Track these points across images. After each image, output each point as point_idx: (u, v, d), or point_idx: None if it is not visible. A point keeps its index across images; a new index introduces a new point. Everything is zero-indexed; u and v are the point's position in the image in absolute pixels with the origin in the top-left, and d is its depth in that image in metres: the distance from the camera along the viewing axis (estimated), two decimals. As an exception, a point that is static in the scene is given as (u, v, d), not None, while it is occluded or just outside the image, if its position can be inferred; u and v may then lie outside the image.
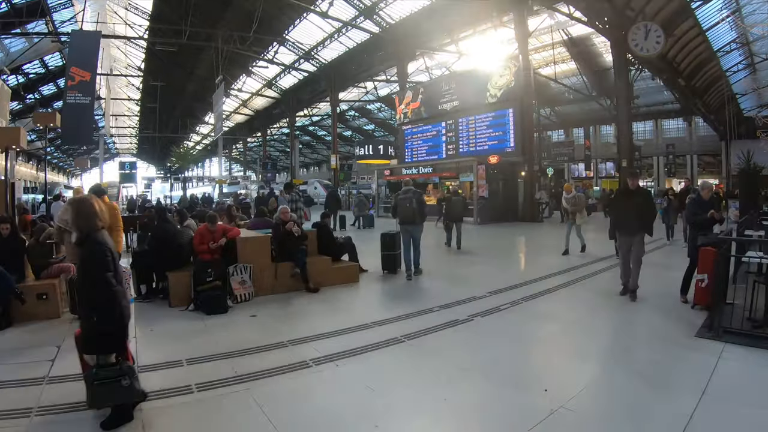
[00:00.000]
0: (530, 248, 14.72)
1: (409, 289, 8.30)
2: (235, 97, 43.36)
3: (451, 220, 13.31)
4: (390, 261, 9.42)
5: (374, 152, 28.78)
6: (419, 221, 8.86)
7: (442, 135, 25.09)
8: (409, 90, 27.21)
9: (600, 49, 36.50)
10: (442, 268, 10.46)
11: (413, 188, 9.16)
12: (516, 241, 15.77)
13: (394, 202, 9.93)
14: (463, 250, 12.98)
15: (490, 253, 13.20)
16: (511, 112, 22.06)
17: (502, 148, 22.10)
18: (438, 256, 12.39)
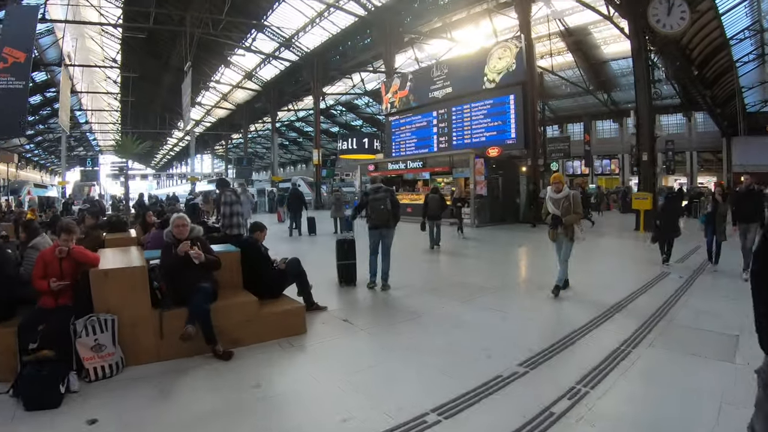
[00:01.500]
0: (537, 265, 11.07)
1: (388, 339, 5.05)
2: (215, 89, 39.47)
3: (430, 219, 11.83)
4: (348, 272, 7.56)
5: (358, 146, 25.10)
6: (393, 224, 7.26)
7: (433, 126, 21.51)
8: (397, 77, 23.57)
9: (597, 41, 33.41)
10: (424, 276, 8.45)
11: (384, 186, 7.43)
12: (518, 256, 12.11)
13: (360, 203, 7.97)
14: (453, 256, 10.86)
15: (488, 274, 9.53)
16: (512, 98, 18.56)
17: (502, 139, 18.60)
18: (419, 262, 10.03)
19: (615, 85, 37.27)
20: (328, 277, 7.65)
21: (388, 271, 7.25)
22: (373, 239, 7.29)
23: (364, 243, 7.53)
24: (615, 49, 34.48)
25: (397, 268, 7.62)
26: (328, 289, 7.07)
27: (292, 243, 13.74)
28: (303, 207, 15.31)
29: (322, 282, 7.07)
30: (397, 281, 7.35)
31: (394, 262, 7.40)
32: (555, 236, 6.62)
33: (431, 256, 11.17)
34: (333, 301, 6.46)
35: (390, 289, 7.14)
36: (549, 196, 6.66)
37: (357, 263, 7.56)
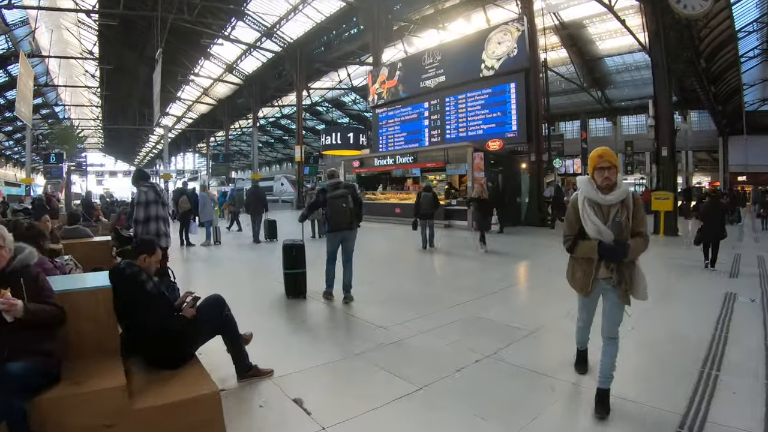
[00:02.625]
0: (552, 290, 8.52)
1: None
2: (195, 83, 36.48)
3: (422, 218, 10.64)
4: (296, 282, 6.05)
5: (343, 141, 22.36)
6: (356, 226, 5.94)
7: (425, 118, 18.91)
8: (385, 67, 20.90)
9: (592, 36, 31.23)
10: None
11: (343, 181, 6.56)
12: (526, 274, 9.55)
13: (313, 201, 6.58)
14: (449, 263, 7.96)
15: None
16: (513, 87, 16.06)
17: (502, 132, 16.08)
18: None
19: (609, 82, 35.09)
20: (273, 289, 6.33)
21: (351, 281, 5.93)
22: (333, 244, 5.94)
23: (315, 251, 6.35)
24: (610, 45, 32.40)
25: (385, 273, 6.99)
26: (271, 307, 5.74)
27: (245, 252, 11.12)
28: (264, 208, 12.56)
29: (264, 296, 6.12)
30: (381, 292, 6.24)
31: (382, 268, 6.05)
32: (591, 285, 3.03)
33: (422, 262, 9.43)
34: (278, 334, 4.74)
35: (353, 301, 5.78)
36: (586, 197, 2.92)
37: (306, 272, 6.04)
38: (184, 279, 7.38)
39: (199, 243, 11.91)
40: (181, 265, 9.07)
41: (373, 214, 17.96)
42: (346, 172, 19.80)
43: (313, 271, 6.10)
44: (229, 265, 9.44)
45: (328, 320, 5.34)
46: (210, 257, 10.37)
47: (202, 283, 7.18)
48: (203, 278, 7.67)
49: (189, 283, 6.87)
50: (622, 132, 37.59)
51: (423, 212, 10.54)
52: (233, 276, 8.44)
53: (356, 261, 6.01)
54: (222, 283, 6.60)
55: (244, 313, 4.52)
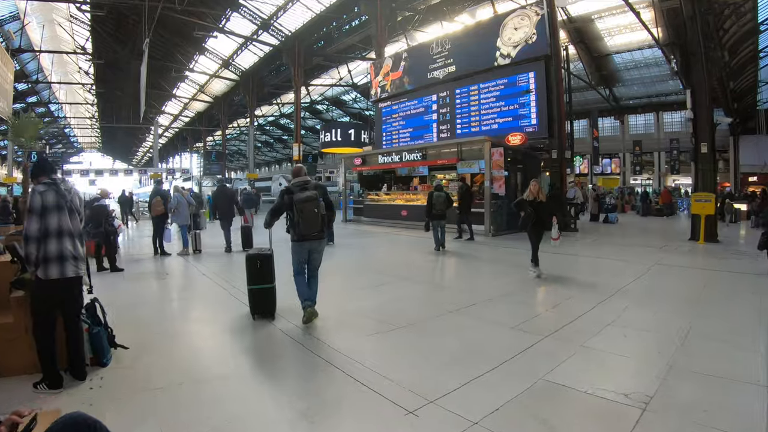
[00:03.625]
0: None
1: None
2: (191, 80, 34.39)
3: (435, 219, 9.84)
4: (264, 300, 4.79)
5: (343, 138, 20.31)
6: (326, 235, 4.95)
7: (433, 112, 16.88)
8: (389, 57, 18.84)
9: (601, 32, 29.33)
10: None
11: (310, 179, 4.77)
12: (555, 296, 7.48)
13: (277, 205, 4.78)
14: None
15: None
16: (533, 76, 14.06)
17: (520, 127, 14.06)
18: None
19: (617, 79, 33.15)
20: (236, 309, 5.23)
21: (316, 293, 4.97)
22: (300, 255, 4.85)
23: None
24: (620, 41, 30.53)
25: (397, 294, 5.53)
26: (233, 333, 4.47)
27: (220, 262, 9.07)
28: (233, 211, 10.48)
29: (223, 317, 4.97)
30: (392, 318, 4.77)
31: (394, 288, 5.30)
32: None
33: (443, 274, 7.76)
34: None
35: (316, 317, 4.76)
36: None
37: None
38: (129, 306, 5.38)
39: (176, 252, 9.91)
40: (131, 284, 7.04)
41: (376, 217, 15.96)
42: (346, 171, 17.73)
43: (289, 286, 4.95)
44: (194, 279, 7.41)
45: (298, 363, 3.64)
46: (175, 271, 8.35)
47: (145, 313, 5.21)
48: (148, 308, 5.60)
49: (130, 315, 4.91)
50: (630, 131, 35.67)
51: (436, 213, 9.70)
52: (192, 293, 6.53)
53: (361, 275, 4.93)
54: (172, 308, 5.43)
55: (193, 341, 4.12)
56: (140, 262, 9.19)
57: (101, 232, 8.13)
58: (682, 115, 34.45)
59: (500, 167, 11.91)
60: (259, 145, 55.59)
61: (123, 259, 9.36)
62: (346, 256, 9.48)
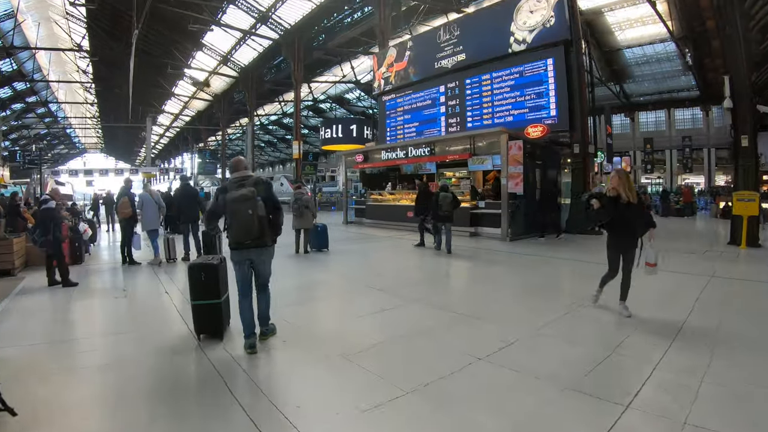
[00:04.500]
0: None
1: None
2: (190, 78, 32.82)
3: (439, 221, 8.90)
4: (209, 317, 3.98)
5: (344, 134, 18.67)
6: (270, 241, 3.79)
7: (441, 104, 15.23)
8: (393, 47, 17.18)
9: (611, 26, 27.68)
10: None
11: (252, 174, 3.86)
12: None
13: (213, 207, 3.87)
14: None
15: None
16: (551, 63, 12.43)
17: (538, 119, 12.41)
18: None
19: (628, 75, 31.39)
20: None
21: (268, 311, 3.94)
22: (241, 268, 3.75)
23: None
24: (630, 35, 28.83)
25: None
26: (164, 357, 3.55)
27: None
28: (197, 214, 8.69)
29: (161, 339, 3.99)
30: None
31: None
32: None
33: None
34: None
35: (274, 335, 3.93)
36: None
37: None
38: (52, 341, 3.80)
39: (147, 261, 8.35)
40: (71, 306, 5.47)
41: (380, 219, 14.32)
42: (347, 169, 16.07)
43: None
44: (151, 297, 5.81)
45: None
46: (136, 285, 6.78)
47: (72, 351, 3.63)
48: (79, 344, 4.08)
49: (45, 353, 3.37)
50: (640, 129, 33.90)
51: (443, 215, 8.80)
52: (141, 316, 4.95)
53: (358, 295, 4.72)
54: (105, 343, 4.10)
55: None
56: (102, 274, 7.64)
57: (49, 240, 6.58)
58: (694, 112, 32.86)
59: (519, 162, 10.26)
60: (263, 145, 54.05)
61: (86, 270, 7.85)
62: (341, 266, 7.86)
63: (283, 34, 23.95)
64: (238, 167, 3.84)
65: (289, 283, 6.34)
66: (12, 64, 36.17)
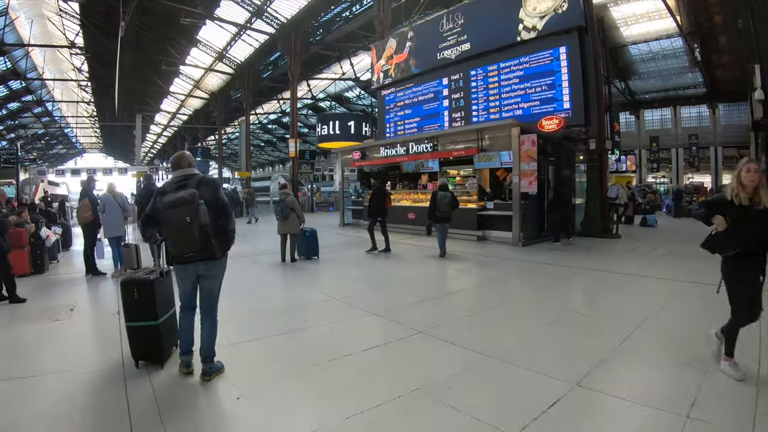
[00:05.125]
0: None
1: None
2: (186, 76, 31.64)
3: (437, 222, 8.26)
4: (145, 341, 3.32)
5: (342, 131, 17.45)
6: (218, 251, 3.09)
7: (443, 98, 14.03)
8: (393, 38, 15.97)
9: (617, 21, 26.52)
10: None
11: (197, 173, 3.17)
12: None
13: (147, 211, 3.11)
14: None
15: None
16: (565, 52, 11.23)
17: (550, 113, 11.23)
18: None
19: (633, 72, 30.19)
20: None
21: (212, 345, 3.13)
22: (183, 282, 3.17)
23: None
24: (636, 31, 27.70)
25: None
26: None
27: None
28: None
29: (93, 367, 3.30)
30: None
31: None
32: None
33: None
34: None
35: (219, 373, 3.10)
36: None
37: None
38: None
39: (111, 272, 7.17)
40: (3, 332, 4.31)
41: (379, 220, 13.16)
42: (343, 168, 14.86)
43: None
44: (98, 319, 4.63)
45: None
46: (86, 303, 5.63)
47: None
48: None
49: None
50: (646, 127, 32.68)
51: (441, 215, 8.20)
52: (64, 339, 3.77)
53: (348, 322, 3.79)
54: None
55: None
56: (58, 287, 6.46)
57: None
58: (701, 110, 31.66)
59: (533, 159, 9.07)
60: (263, 145, 52.84)
61: (46, 281, 6.72)
62: (331, 280, 6.66)
63: (279, 28, 22.78)
64: (179, 164, 3.14)
65: (266, 302, 5.18)
66: (6, 63, 35.02)
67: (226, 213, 3.13)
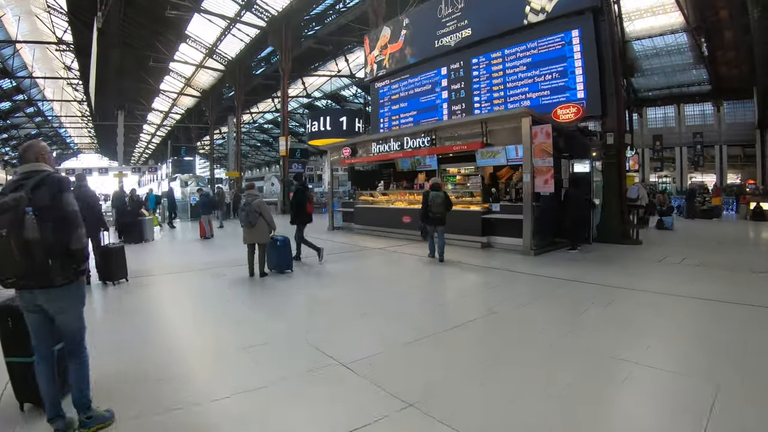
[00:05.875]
0: None
1: None
2: (177, 74, 30.14)
3: (430, 224, 7.39)
4: (27, 380, 2.50)
5: (334, 127, 15.97)
6: (60, 276, 2.21)
7: (442, 89, 12.55)
8: (387, 26, 14.50)
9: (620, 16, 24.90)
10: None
11: (46, 169, 2.30)
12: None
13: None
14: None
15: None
16: (578, 35, 9.81)
17: (561, 103, 9.80)
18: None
19: (636, 69, 28.79)
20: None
21: (85, 388, 2.38)
22: (29, 316, 2.33)
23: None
24: (640, 26, 26.41)
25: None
26: None
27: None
28: (101, 224, 6.22)
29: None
30: None
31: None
32: None
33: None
34: None
35: (95, 427, 2.32)
36: None
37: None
38: None
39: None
40: None
41: (371, 224, 11.68)
42: (332, 166, 13.33)
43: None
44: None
45: None
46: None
47: None
48: None
49: None
50: (649, 125, 31.29)
51: (433, 217, 7.32)
52: None
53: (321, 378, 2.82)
54: None
55: None
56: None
57: None
58: (705, 108, 30.30)
59: (548, 153, 7.61)
60: (259, 145, 51.39)
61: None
62: (301, 306, 5.18)
63: (269, 21, 21.33)
64: (24, 157, 2.34)
65: (202, 340, 3.73)
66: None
67: (69, 225, 2.26)
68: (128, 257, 6.41)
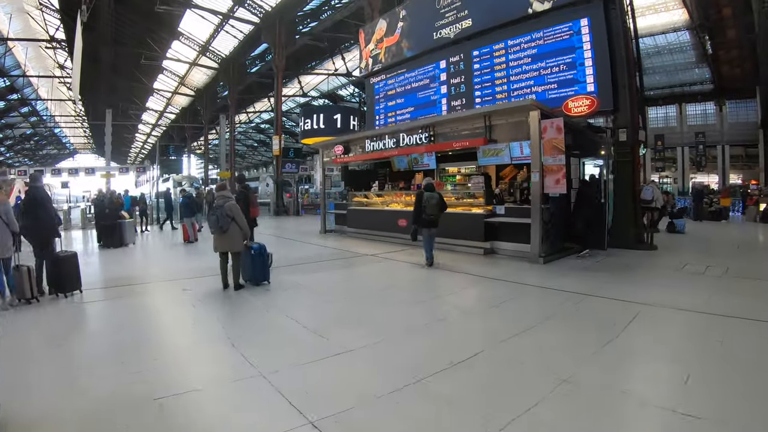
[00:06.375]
0: None
1: None
2: (171, 73, 29.24)
3: (423, 226, 6.80)
4: None
5: (327, 125, 15.08)
6: None
7: (441, 84, 11.68)
8: (383, 19, 13.63)
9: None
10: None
11: None
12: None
13: None
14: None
15: None
16: (587, 24, 8.97)
17: (568, 96, 8.95)
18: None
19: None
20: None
21: None
22: None
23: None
24: (643, 24, 25.46)
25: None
26: None
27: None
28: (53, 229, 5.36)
29: None
30: None
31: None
32: None
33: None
34: None
35: None
36: None
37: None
38: None
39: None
40: None
41: (365, 228, 10.80)
42: (324, 164, 12.42)
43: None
44: None
45: None
46: None
47: None
48: None
49: None
50: (650, 125, 30.44)
51: (427, 218, 6.74)
52: None
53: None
54: None
55: None
56: None
57: None
58: (707, 107, 29.49)
59: (559, 150, 6.75)
60: (256, 145, 50.50)
61: None
62: (277, 328, 4.28)
63: (262, 17, 20.47)
64: None
65: (147, 382, 2.86)
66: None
67: None
68: (104, 263, 5.59)
